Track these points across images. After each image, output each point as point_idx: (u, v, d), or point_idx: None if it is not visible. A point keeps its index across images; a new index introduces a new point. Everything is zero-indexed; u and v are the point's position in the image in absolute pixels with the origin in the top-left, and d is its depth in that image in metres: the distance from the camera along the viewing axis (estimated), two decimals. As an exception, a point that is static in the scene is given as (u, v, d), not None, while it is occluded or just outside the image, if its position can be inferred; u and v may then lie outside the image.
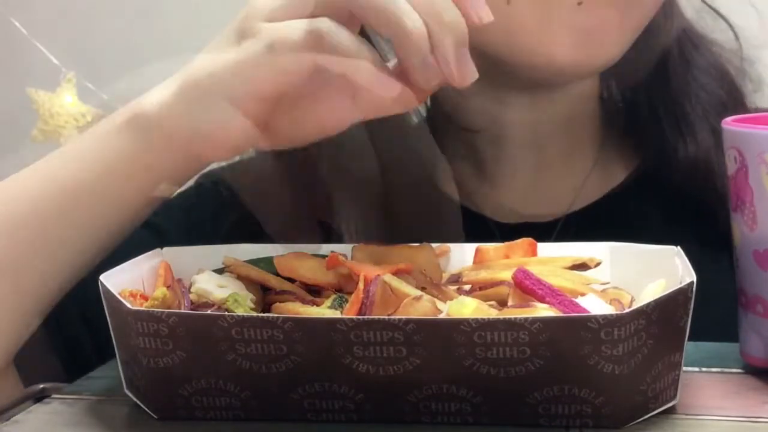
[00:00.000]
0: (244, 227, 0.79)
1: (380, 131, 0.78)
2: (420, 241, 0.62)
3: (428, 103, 0.84)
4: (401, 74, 0.55)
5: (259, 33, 0.56)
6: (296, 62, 0.55)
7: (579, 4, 0.69)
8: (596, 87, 0.83)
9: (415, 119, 0.82)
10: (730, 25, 0.82)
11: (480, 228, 0.79)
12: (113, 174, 0.63)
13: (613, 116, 0.85)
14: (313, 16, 0.55)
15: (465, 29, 0.55)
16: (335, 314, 0.53)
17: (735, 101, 0.80)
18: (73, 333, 0.73)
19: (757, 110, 0.82)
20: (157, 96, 0.61)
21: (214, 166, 0.75)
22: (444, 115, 0.82)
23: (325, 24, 0.54)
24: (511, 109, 0.79)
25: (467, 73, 0.56)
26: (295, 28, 0.55)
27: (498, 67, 0.74)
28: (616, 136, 0.84)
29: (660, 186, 0.80)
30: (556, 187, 0.81)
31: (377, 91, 0.54)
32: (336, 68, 0.54)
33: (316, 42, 0.54)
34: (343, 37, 0.54)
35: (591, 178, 0.82)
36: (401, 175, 0.79)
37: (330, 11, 0.55)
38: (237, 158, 0.83)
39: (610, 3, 0.70)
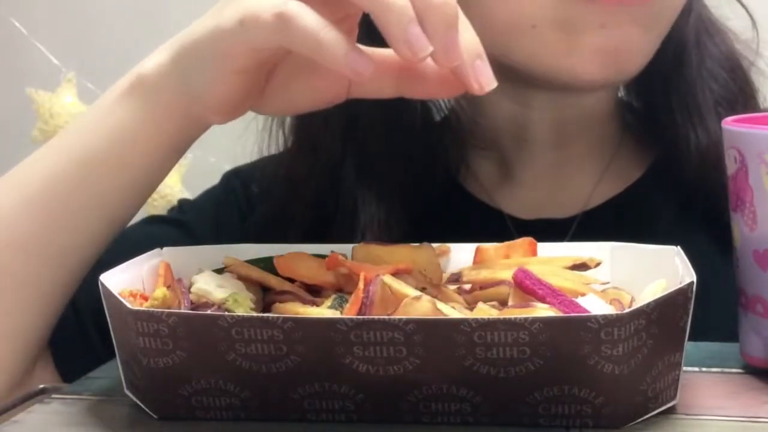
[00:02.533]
0: (271, 224, 0.80)
1: (403, 129, 0.79)
2: (440, 237, 0.62)
3: (451, 101, 0.84)
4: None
5: (236, 5, 0.56)
6: (263, 40, 0.56)
7: (602, 26, 0.70)
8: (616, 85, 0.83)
9: (437, 117, 0.83)
10: (749, 13, 0.82)
11: (497, 224, 0.80)
12: (120, 141, 0.64)
13: (630, 111, 0.85)
14: None
15: (455, 12, 0.54)
16: (335, 314, 0.53)
17: (746, 94, 0.80)
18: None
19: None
20: (154, 62, 0.63)
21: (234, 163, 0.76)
22: (466, 113, 0.82)
23: (294, 5, 0.54)
24: (533, 110, 0.80)
25: (484, 80, 0.55)
26: (266, 6, 0.54)
27: (521, 75, 0.75)
28: (633, 131, 0.84)
29: (674, 181, 0.80)
30: (574, 184, 0.82)
31: (345, 73, 0.54)
32: (301, 50, 0.54)
33: (283, 22, 0.54)
34: (310, 19, 0.53)
35: (608, 175, 0.82)
36: (423, 172, 0.79)
37: None
38: (264, 155, 0.84)
39: (632, 21, 0.70)
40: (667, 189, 0.81)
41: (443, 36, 0.53)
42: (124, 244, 0.78)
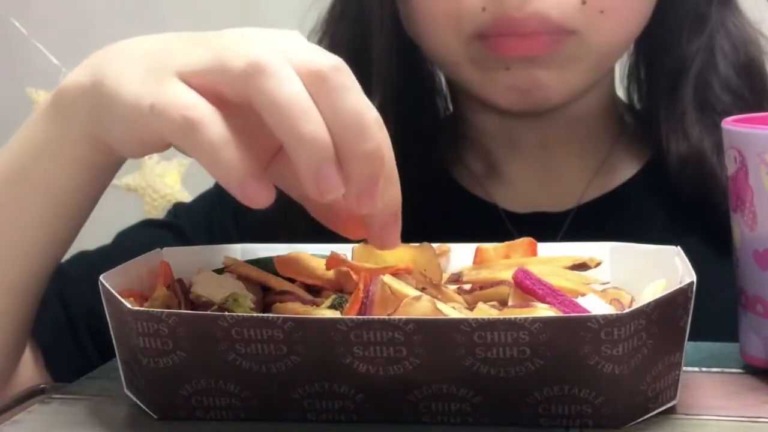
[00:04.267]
0: (265, 228, 0.79)
1: (400, 128, 0.79)
2: (436, 231, 0.62)
3: (448, 103, 0.86)
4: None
5: (156, 84, 0.53)
6: (166, 134, 0.52)
7: (507, 68, 0.73)
8: (610, 86, 0.84)
9: (438, 111, 0.85)
10: None
11: (492, 217, 0.81)
12: (39, 158, 0.62)
13: (632, 109, 0.86)
14: (217, 93, 0.51)
15: (381, 162, 0.50)
16: (335, 314, 0.53)
17: (760, 96, 0.80)
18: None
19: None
20: (74, 81, 0.60)
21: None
22: (461, 116, 0.84)
23: (203, 111, 0.50)
24: (516, 120, 0.81)
25: (389, 241, 0.54)
26: (178, 103, 0.51)
27: None
28: (631, 127, 0.85)
29: (670, 179, 0.80)
30: (567, 180, 0.83)
31: (234, 194, 0.50)
32: (197, 159, 0.51)
33: (186, 127, 0.50)
34: (214, 132, 0.49)
35: (603, 171, 0.83)
36: (420, 168, 0.80)
37: (233, 93, 0.51)
38: None
39: (535, 65, 0.73)
40: (661, 186, 0.82)
41: (361, 183, 0.50)
42: (119, 248, 0.78)
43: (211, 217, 0.85)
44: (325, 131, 0.49)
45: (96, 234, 0.77)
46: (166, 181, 1.52)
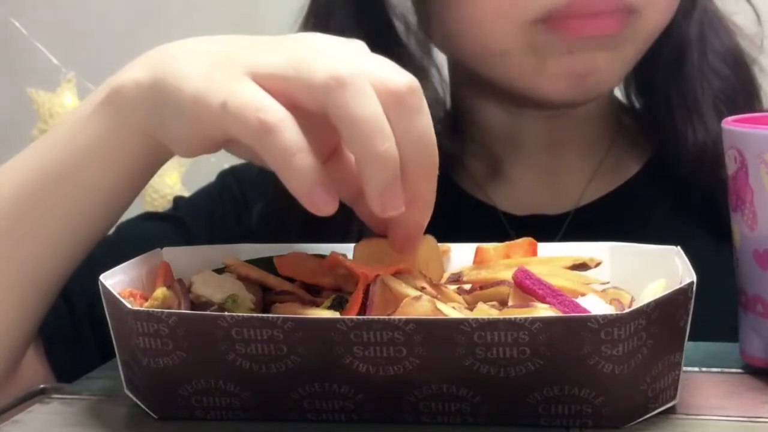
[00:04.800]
0: (267, 222, 0.79)
1: None
2: (435, 232, 0.62)
3: (448, 103, 0.85)
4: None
5: (228, 82, 0.53)
6: (237, 134, 0.53)
7: (569, 52, 0.72)
8: None
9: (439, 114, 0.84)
10: (754, 8, 0.82)
11: (491, 220, 0.80)
12: (88, 157, 0.62)
13: (627, 109, 0.86)
14: (291, 98, 0.52)
15: (431, 205, 0.53)
16: (334, 314, 0.52)
17: (748, 91, 0.81)
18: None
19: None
20: (133, 78, 0.60)
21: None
22: (462, 116, 0.83)
23: (279, 115, 0.51)
24: (525, 118, 0.81)
25: (415, 243, 0.55)
26: (253, 105, 0.51)
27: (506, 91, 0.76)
28: (630, 130, 0.85)
29: (670, 179, 0.81)
30: (567, 182, 0.83)
31: (301, 201, 0.51)
32: (269, 163, 0.52)
33: (262, 131, 0.51)
34: (289, 137, 0.50)
35: (602, 172, 0.83)
36: None
37: (309, 102, 0.51)
38: None
39: (598, 47, 0.73)
40: (661, 186, 0.82)
41: (424, 201, 0.53)
42: (119, 240, 0.78)
43: (213, 212, 0.85)
44: (396, 151, 0.50)
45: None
46: (166, 181, 1.52)
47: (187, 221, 0.83)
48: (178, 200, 0.88)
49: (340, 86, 0.50)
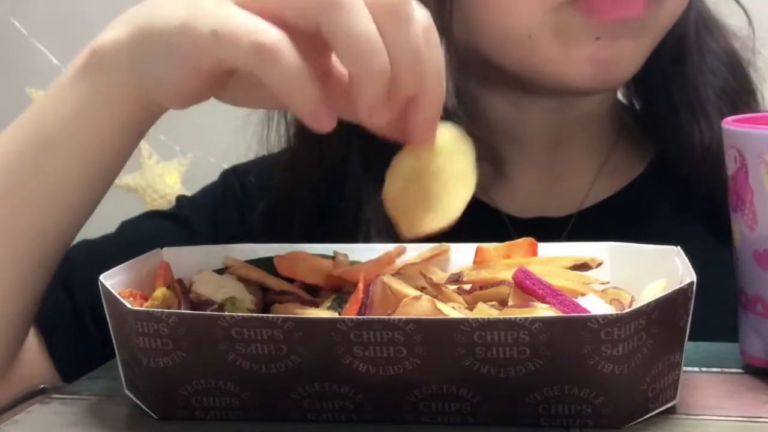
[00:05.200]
0: (270, 221, 0.79)
1: None
2: (438, 235, 0.62)
3: (449, 102, 0.85)
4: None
5: (215, 10, 0.53)
6: (233, 61, 0.53)
7: (597, 39, 0.72)
8: None
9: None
10: (745, 11, 0.82)
11: (494, 222, 0.80)
12: (75, 122, 0.62)
13: (627, 112, 0.86)
14: (281, 19, 0.52)
15: (441, 97, 0.54)
16: (334, 315, 0.53)
17: (746, 90, 0.81)
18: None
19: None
20: (111, 38, 0.60)
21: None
22: (465, 113, 0.83)
23: (274, 36, 0.51)
24: (528, 113, 0.81)
25: (432, 130, 0.55)
26: (246, 29, 0.51)
27: (516, 79, 0.75)
28: (631, 130, 0.85)
29: (673, 180, 0.81)
30: (570, 183, 0.82)
31: (307, 122, 0.52)
32: (271, 87, 0.52)
33: (259, 55, 0.51)
34: (289, 60, 0.50)
35: (604, 174, 0.83)
36: None
37: (300, 21, 0.52)
38: (264, 153, 0.84)
39: (624, 33, 0.72)
40: (664, 187, 0.81)
41: (399, 105, 0.53)
42: (123, 238, 0.78)
43: (216, 210, 0.85)
44: (388, 65, 0.51)
45: (96, 233, 0.77)
46: (166, 181, 1.52)
47: (191, 220, 0.83)
48: (181, 199, 0.88)
49: (333, 5, 0.50)
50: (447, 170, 0.56)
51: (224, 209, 0.85)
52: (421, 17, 0.53)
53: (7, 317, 0.66)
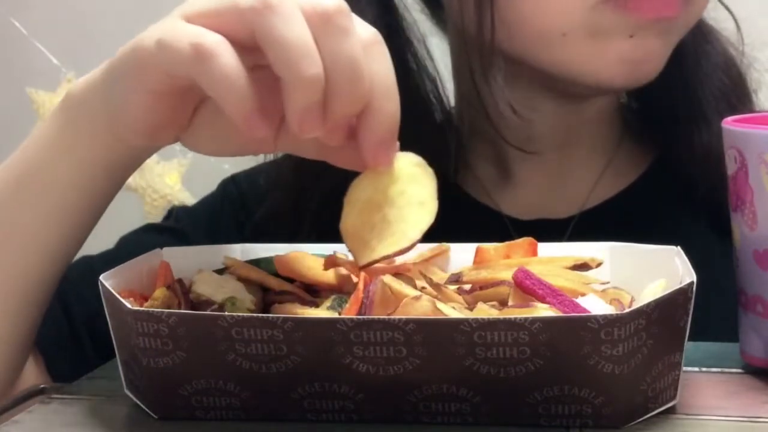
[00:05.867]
0: (267, 230, 0.79)
1: (402, 130, 0.79)
2: (440, 238, 0.62)
3: (452, 103, 0.85)
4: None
5: (163, 27, 0.54)
6: (175, 68, 0.53)
7: (631, 36, 0.72)
8: None
9: (438, 117, 0.83)
10: (734, 16, 0.82)
11: (496, 225, 0.80)
12: (49, 157, 0.62)
13: (629, 112, 0.86)
14: (225, 32, 0.52)
15: (392, 118, 0.52)
16: (334, 315, 0.52)
17: (742, 93, 0.81)
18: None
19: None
20: (86, 78, 0.61)
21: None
22: (470, 115, 0.83)
23: (213, 40, 0.51)
24: (538, 114, 0.80)
25: (385, 154, 0.54)
26: (187, 35, 0.52)
27: (534, 77, 0.76)
28: (633, 132, 0.85)
29: (673, 182, 0.81)
30: (573, 185, 0.82)
31: (240, 127, 0.51)
32: (207, 90, 0.52)
33: (197, 57, 0.51)
34: (226, 62, 0.51)
35: (606, 176, 0.83)
36: None
37: (239, 28, 0.52)
38: (262, 160, 0.83)
39: (657, 33, 0.73)
40: (665, 189, 0.81)
41: (338, 122, 0.52)
42: (122, 253, 0.78)
43: (214, 222, 0.85)
44: (321, 75, 0.50)
45: (96, 233, 0.77)
46: (166, 181, 1.52)
47: (189, 233, 0.83)
48: (179, 211, 0.88)
49: (266, 8, 0.50)
50: (405, 197, 0.55)
51: (222, 220, 0.85)
52: (365, 33, 0.52)
53: (2, 357, 0.65)
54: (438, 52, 0.84)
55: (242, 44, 0.52)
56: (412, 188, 0.55)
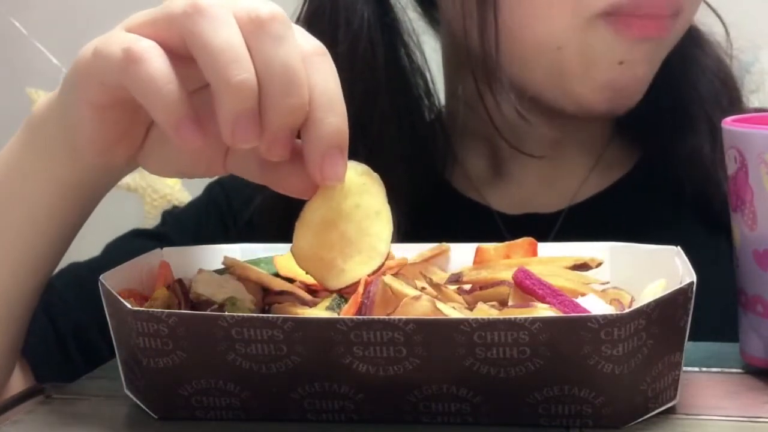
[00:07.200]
0: (258, 228, 0.79)
1: (394, 126, 0.79)
2: (430, 234, 0.62)
3: (442, 102, 0.85)
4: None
5: (102, 37, 0.53)
6: (107, 75, 0.52)
7: (620, 63, 0.72)
8: None
9: (428, 116, 0.83)
10: (722, 21, 0.83)
11: (485, 220, 0.80)
12: (12, 177, 0.62)
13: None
14: (162, 41, 0.51)
15: (338, 130, 0.50)
16: (334, 315, 0.52)
17: (731, 96, 0.81)
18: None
19: (756, 110, 0.83)
20: (48, 96, 0.61)
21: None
22: (463, 113, 0.83)
23: (145, 45, 0.50)
24: (532, 116, 0.80)
25: (332, 167, 0.51)
26: (120, 42, 0.51)
27: (527, 93, 0.76)
28: (621, 130, 0.85)
29: (660, 179, 0.81)
30: (563, 180, 0.83)
31: (170, 136, 0.50)
32: (136, 95, 0.51)
33: (127, 61, 0.50)
34: (156, 67, 0.49)
35: (595, 171, 0.83)
36: (414, 169, 0.79)
37: (172, 34, 0.51)
38: None
39: (645, 60, 0.73)
40: (654, 183, 0.82)
41: (276, 133, 0.50)
42: (108, 260, 0.77)
43: (199, 226, 0.85)
44: (254, 81, 0.49)
45: (96, 233, 0.77)
46: (166, 181, 1.52)
47: (173, 238, 0.82)
48: (167, 215, 0.88)
49: (196, 12, 0.49)
50: (361, 210, 0.54)
51: (207, 227, 0.85)
52: (307, 43, 0.51)
53: None
54: (427, 49, 0.84)
55: (181, 54, 0.50)
56: (365, 200, 0.54)
